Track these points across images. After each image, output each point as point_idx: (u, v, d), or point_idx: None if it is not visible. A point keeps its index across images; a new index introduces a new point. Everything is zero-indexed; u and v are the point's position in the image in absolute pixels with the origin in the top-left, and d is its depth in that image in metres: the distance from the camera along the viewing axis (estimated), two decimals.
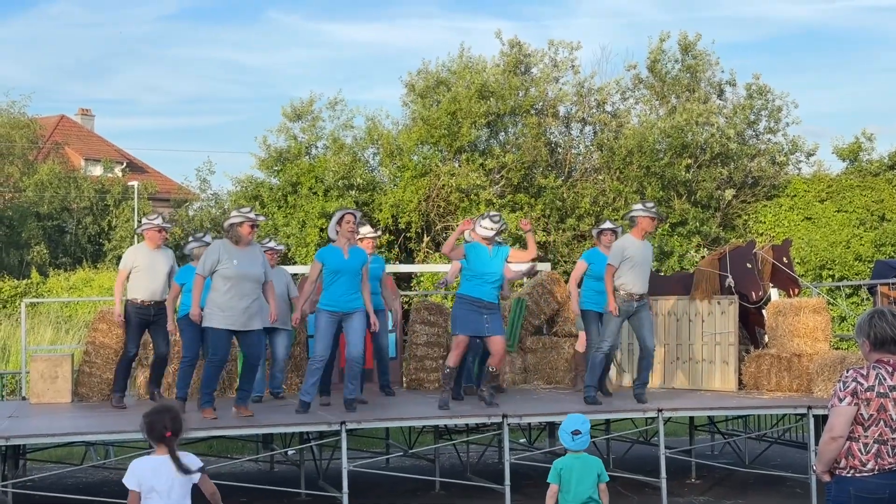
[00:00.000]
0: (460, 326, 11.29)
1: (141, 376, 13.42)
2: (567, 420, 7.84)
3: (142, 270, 12.16)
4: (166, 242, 12.58)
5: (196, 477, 6.44)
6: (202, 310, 10.70)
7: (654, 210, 11.89)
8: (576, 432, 7.71)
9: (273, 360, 12.94)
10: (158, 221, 12.44)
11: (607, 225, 13.05)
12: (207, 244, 11.84)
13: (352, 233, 11.16)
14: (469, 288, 11.27)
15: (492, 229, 11.43)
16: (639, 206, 11.93)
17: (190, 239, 12.87)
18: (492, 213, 11.91)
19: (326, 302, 11.07)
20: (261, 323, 10.83)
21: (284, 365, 13.14)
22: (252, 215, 10.84)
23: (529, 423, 13.93)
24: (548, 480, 7.67)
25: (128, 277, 12.23)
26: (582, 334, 13.11)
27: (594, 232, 13.19)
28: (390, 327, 13.69)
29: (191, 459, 6.52)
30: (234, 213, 10.96)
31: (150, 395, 12.54)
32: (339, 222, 11.20)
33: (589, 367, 11.79)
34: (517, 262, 12.26)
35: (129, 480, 6.36)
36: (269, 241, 13.59)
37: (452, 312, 11.55)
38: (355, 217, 11.29)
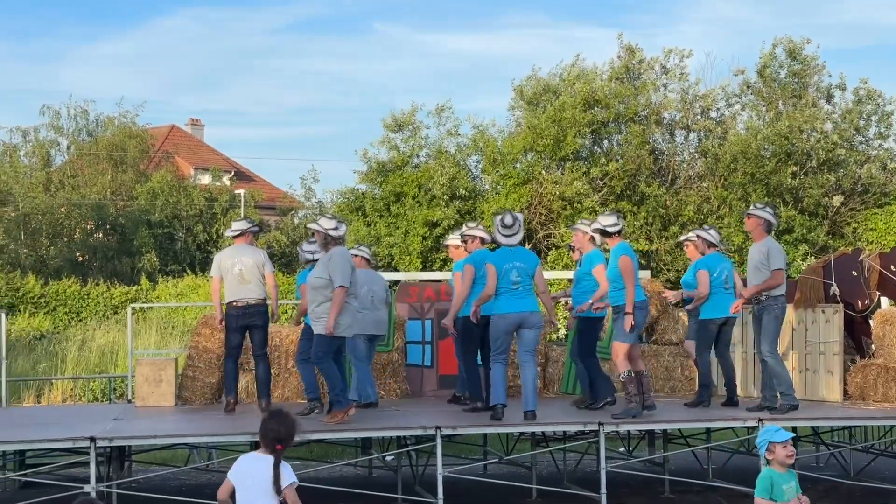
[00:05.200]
0: None
1: (242, 381, 13.55)
2: (764, 431, 7.40)
3: None
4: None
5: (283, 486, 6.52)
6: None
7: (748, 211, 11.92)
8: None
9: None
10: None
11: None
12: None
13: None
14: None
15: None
16: None
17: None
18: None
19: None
20: (318, 328, 10.82)
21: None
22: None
23: (629, 432, 13.80)
24: (757, 495, 7.25)
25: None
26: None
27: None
28: None
29: (287, 472, 6.58)
30: None
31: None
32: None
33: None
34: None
35: (230, 471, 6.62)
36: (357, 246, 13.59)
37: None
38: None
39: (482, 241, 12.04)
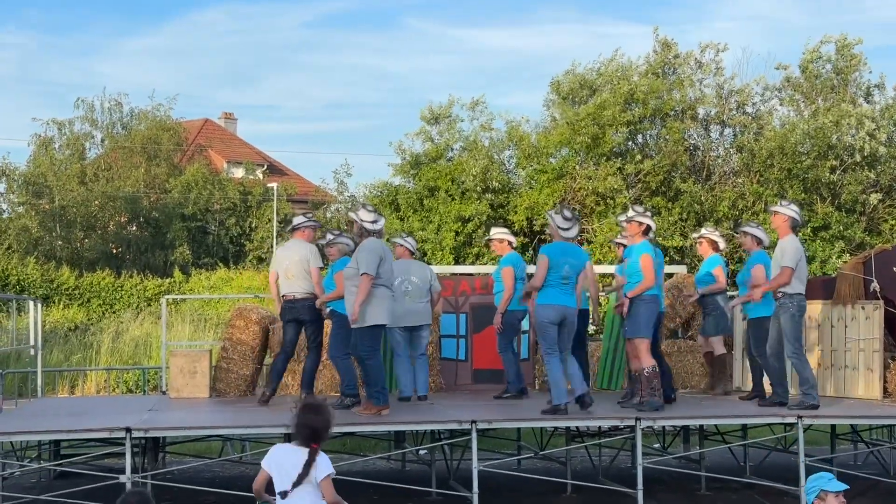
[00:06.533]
0: None
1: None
2: (818, 477, 6.90)
3: None
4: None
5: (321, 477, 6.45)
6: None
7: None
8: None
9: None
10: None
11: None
12: None
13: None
14: None
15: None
16: None
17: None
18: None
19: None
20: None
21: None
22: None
23: (664, 427, 13.70)
24: None
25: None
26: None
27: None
28: (526, 328, 13.57)
29: (324, 463, 6.50)
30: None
31: None
32: None
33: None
34: None
35: (265, 460, 6.53)
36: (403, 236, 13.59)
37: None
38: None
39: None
